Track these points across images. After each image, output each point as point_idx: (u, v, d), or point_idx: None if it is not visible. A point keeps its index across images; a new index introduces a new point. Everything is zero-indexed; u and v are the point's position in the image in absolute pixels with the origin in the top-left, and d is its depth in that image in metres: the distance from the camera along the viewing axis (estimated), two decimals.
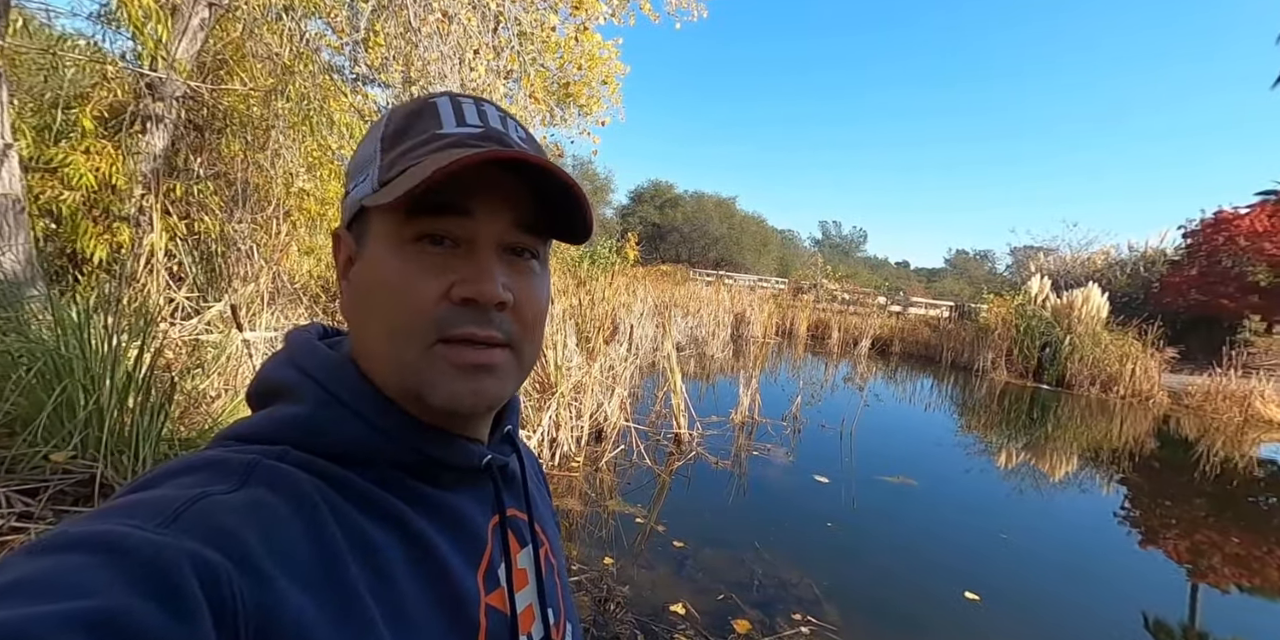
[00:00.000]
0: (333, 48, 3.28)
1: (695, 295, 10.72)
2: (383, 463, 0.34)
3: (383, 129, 0.36)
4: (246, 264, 3.38)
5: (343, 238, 0.37)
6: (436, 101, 0.36)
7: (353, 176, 0.37)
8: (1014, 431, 6.21)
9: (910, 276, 42.84)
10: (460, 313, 0.33)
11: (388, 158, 0.34)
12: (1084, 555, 3.18)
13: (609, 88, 6.97)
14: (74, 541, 0.23)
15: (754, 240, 29.61)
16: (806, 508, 3.36)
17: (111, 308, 2.65)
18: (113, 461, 1.91)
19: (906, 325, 12.91)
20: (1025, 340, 9.83)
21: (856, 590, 2.44)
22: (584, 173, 26.01)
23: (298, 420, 0.33)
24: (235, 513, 0.26)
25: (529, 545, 0.41)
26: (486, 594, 0.36)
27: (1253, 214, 11.62)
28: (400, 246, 0.33)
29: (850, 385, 7.79)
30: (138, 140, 2.97)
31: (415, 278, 0.33)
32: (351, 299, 0.36)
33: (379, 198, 0.33)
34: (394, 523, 0.32)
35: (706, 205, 29.00)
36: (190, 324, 3.13)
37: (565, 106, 6.57)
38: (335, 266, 0.38)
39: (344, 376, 0.34)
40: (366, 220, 0.35)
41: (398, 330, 0.33)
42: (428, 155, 0.33)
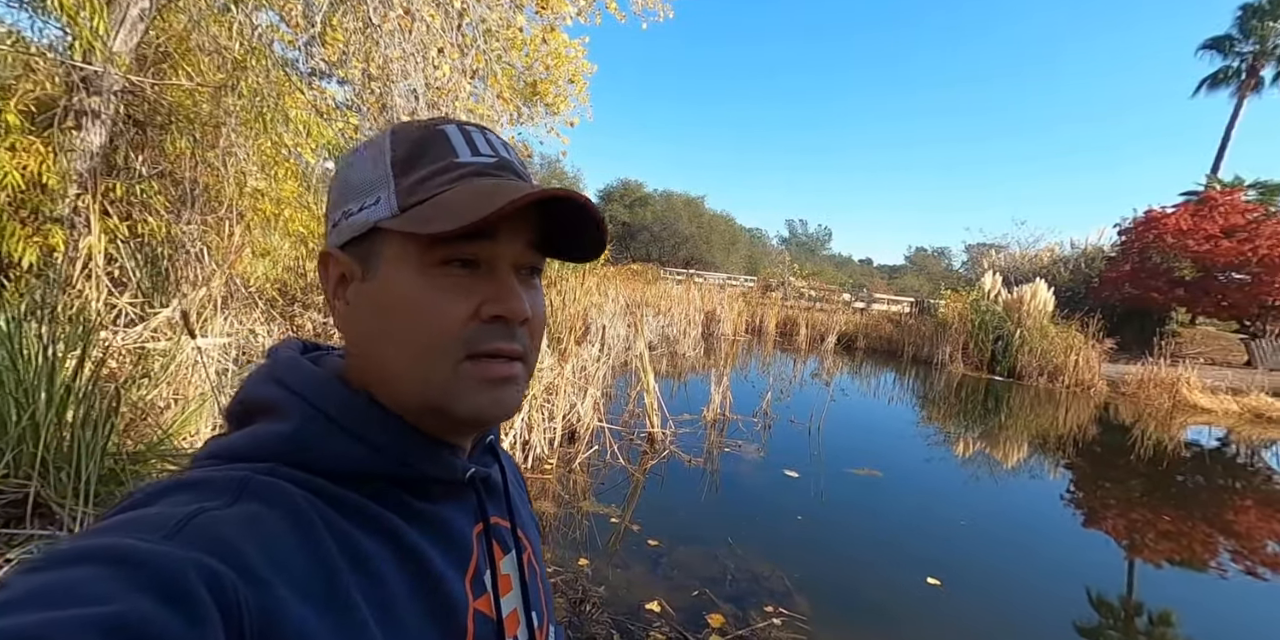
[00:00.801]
0: (286, 41, 3.14)
1: (666, 294, 10.79)
2: (370, 477, 0.34)
3: (390, 153, 0.36)
4: (196, 267, 3.21)
5: (336, 257, 0.37)
6: (445, 129, 0.37)
7: (353, 197, 0.36)
8: (970, 422, 6.52)
9: (873, 273, 44.18)
10: (489, 330, 0.35)
11: (404, 183, 0.35)
12: (1035, 537, 3.38)
13: (576, 87, 6.92)
14: (80, 555, 0.23)
15: (723, 239, 29.96)
16: (777, 502, 3.44)
17: (45, 315, 2.48)
18: (50, 479, 1.79)
19: (870, 321, 13.34)
20: (980, 334, 10.32)
21: (826, 581, 2.52)
22: (552, 172, 25.75)
23: (285, 437, 0.33)
24: (234, 526, 0.27)
25: (512, 551, 0.43)
26: (474, 599, 0.37)
27: (1178, 213, 12.53)
28: (425, 269, 0.35)
29: (818, 381, 8.01)
30: (71, 137, 2.78)
31: (444, 299, 0.34)
32: (360, 319, 0.36)
33: (412, 225, 0.33)
34: (384, 534, 0.33)
35: (676, 204, 29.16)
36: (135, 331, 2.95)
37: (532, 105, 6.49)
38: (324, 286, 0.38)
39: (330, 392, 0.35)
40: (377, 241, 0.35)
41: (427, 349, 0.34)
42: (451, 183, 0.35)
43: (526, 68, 4.80)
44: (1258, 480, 5.02)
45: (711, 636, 2.01)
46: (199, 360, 2.74)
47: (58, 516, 1.69)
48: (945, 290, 12.39)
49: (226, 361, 3.06)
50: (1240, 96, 18.57)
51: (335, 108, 3.69)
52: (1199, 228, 11.72)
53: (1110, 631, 2.42)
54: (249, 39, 2.78)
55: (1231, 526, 3.80)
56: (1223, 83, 18.99)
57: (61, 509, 1.71)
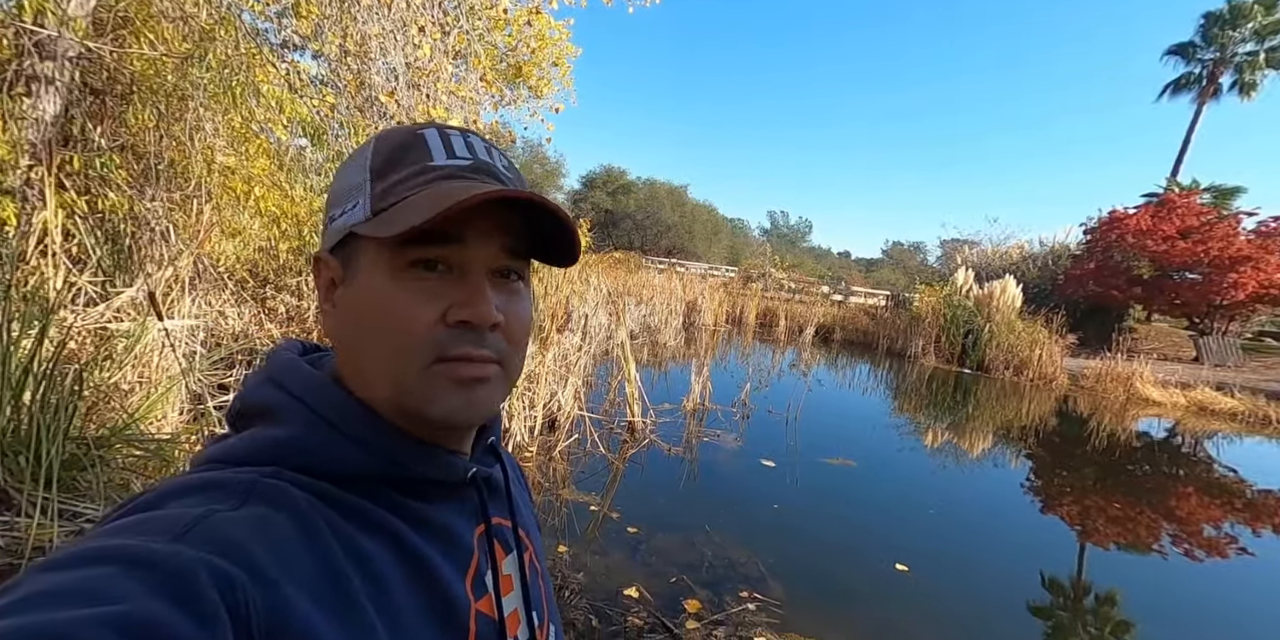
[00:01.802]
0: (256, 11, 2.99)
1: (648, 283, 10.79)
2: (371, 480, 0.35)
3: (370, 159, 0.37)
4: (162, 246, 3.07)
5: (326, 261, 0.37)
6: (424, 133, 0.37)
7: (337, 203, 0.37)
8: (940, 413, 6.75)
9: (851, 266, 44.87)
10: (457, 335, 0.35)
11: (379, 187, 0.35)
12: (998, 523, 3.54)
13: (560, 70, 6.77)
14: (93, 556, 0.24)
15: (705, 229, 29.99)
16: (754, 490, 3.52)
17: None
18: (8, 464, 1.72)
19: (847, 314, 13.59)
20: (951, 328, 10.62)
21: (799, 567, 2.61)
22: (535, 156, 25.28)
23: (285, 441, 0.33)
24: (243, 528, 0.28)
25: (513, 551, 0.43)
26: (475, 601, 0.37)
27: (1138, 214, 13.02)
28: (394, 273, 0.35)
29: (796, 371, 8.15)
30: (22, 103, 2.61)
31: (411, 303, 0.34)
32: (341, 322, 0.37)
33: (377, 229, 0.34)
34: (387, 536, 0.34)
35: (659, 192, 29.00)
36: (96, 311, 2.82)
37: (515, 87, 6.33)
38: (317, 290, 0.38)
39: (329, 396, 0.35)
40: (355, 246, 0.36)
41: (397, 352, 0.34)
42: (422, 186, 0.35)
43: (510, 49, 4.68)
44: (1199, 469, 5.34)
45: (688, 621, 2.07)
46: (166, 342, 2.64)
47: (15, 502, 1.63)
48: (920, 284, 12.69)
49: (194, 344, 2.96)
50: (1200, 102, 19.21)
51: (309, 83, 3.54)
52: (1157, 228, 12.21)
53: (1060, 612, 2.57)
54: (217, 7, 2.63)
55: (1174, 512, 4.05)
56: (1185, 88, 19.61)
57: (20, 494, 1.64)
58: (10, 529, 1.56)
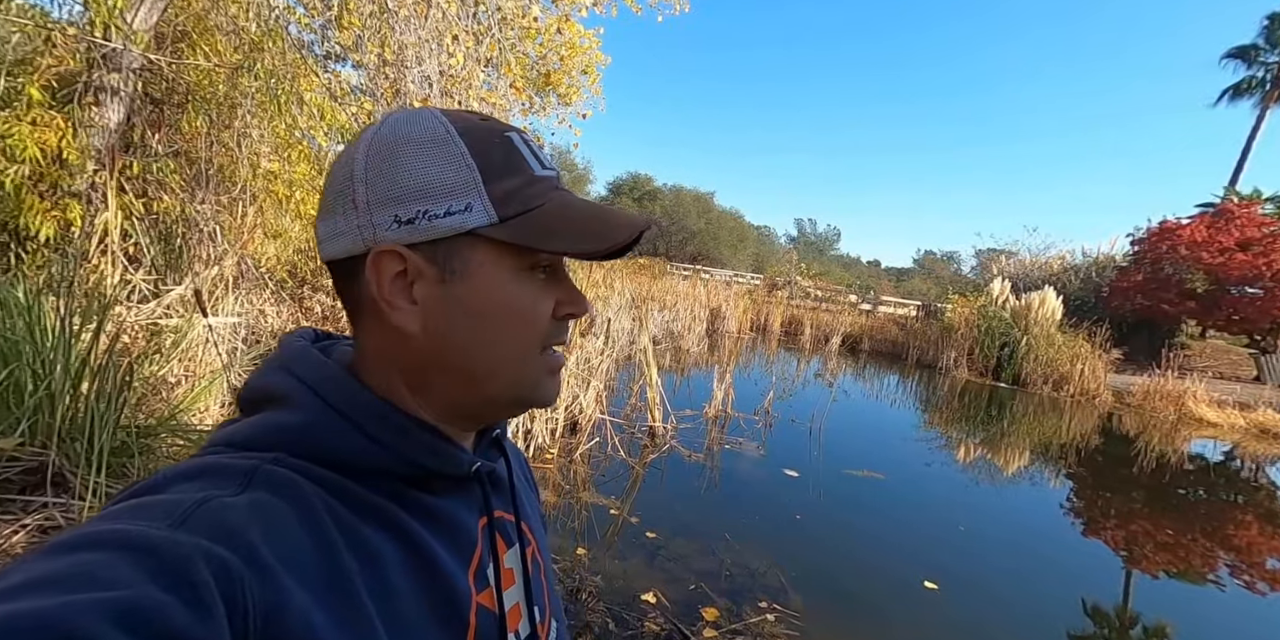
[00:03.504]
0: (302, 23, 3.14)
1: (672, 289, 10.78)
2: (375, 470, 0.35)
3: (470, 156, 0.35)
4: (209, 246, 3.24)
5: (404, 256, 0.35)
6: (511, 137, 0.38)
7: (428, 198, 0.35)
8: (973, 427, 6.50)
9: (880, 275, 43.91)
10: (561, 327, 0.40)
11: (495, 191, 0.36)
12: (1034, 544, 3.38)
13: (589, 78, 6.88)
14: (92, 540, 0.24)
15: (731, 235, 29.86)
16: (776, 500, 3.45)
17: (63, 289, 2.51)
18: (65, 449, 1.83)
19: (876, 323, 13.27)
20: (986, 340, 10.25)
21: (821, 579, 2.54)
22: (563, 163, 25.67)
23: (293, 428, 0.33)
24: (241, 514, 0.27)
25: (515, 545, 0.43)
26: (477, 594, 0.37)
27: (1193, 225, 12.35)
28: (516, 274, 0.37)
29: (821, 381, 7.99)
30: (90, 112, 2.80)
31: (538, 300, 0.38)
32: (443, 319, 0.36)
33: (525, 237, 0.35)
34: (389, 526, 0.34)
35: (685, 199, 29.06)
36: (148, 307, 2.98)
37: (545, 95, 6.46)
38: (373, 283, 0.35)
39: (339, 385, 0.35)
40: (460, 244, 0.35)
41: (522, 346, 0.38)
42: (540, 197, 0.37)
43: (540, 58, 4.78)
44: (1260, 496, 4.99)
45: (706, 630, 2.03)
46: (210, 338, 2.77)
47: (71, 485, 1.73)
48: (953, 295, 12.31)
49: (236, 340, 3.09)
50: (1263, 107, 18.21)
51: (349, 92, 3.70)
52: (1214, 240, 11.56)
53: None
54: (266, 20, 2.78)
55: (1231, 541, 3.78)
56: (1246, 93, 18.63)
57: (75, 478, 1.74)
58: (66, 510, 1.66)
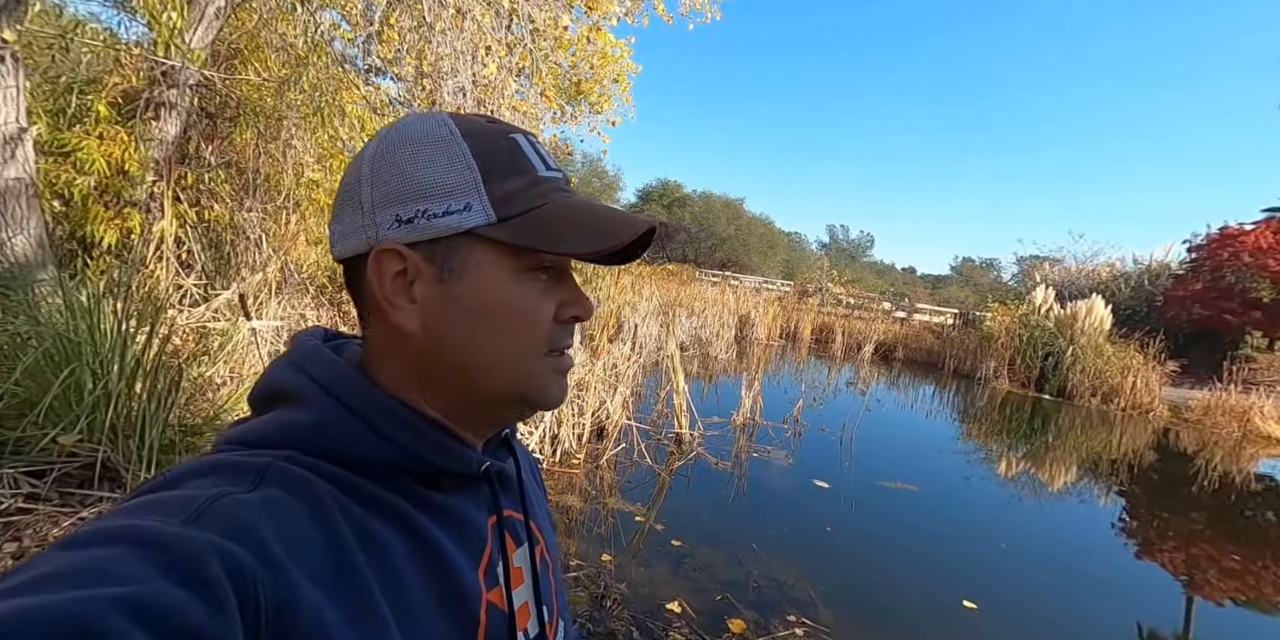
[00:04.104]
0: (346, 39, 3.28)
1: (700, 295, 10.72)
2: (386, 468, 0.35)
3: (471, 156, 0.36)
4: (255, 253, 3.39)
5: (403, 254, 0.35)
6: (516, 139, 0.38)
7: (428, 197, 0.35)
8: (1014, 440, 6.21)
9: (916, 282, 42.72)
10: (565, 329, 0.39)
11: (495, 191, 0.36)
12: (1083, 565, 3.18)
13: (620, 86, 6.96)
14: (106, 536, 0.24)
15: (761, 242, 29.60)
16: (805, 511, 3.36)
17: (121, 293, 2.66)
18: (119, 446, 1.92)
19: (910, 331, 12.88)
20: (1028, 350, 9.80)
21: (853, 594, 2.44)
22: (593, 170, 26.00)
23: (305, 426, 0.34)
24: (254, 511, 0.27)
25: (525, 544, 0.43)
26: (487, 591, 0.37)
27: (1258, 231, 11.56)
28: (516, 275, 0.37)
29: (852, 390, 7.79)
30: (150, 126, 2.98)
31: (537, 302, 0.38)
32: (442, 318, 0.36)
33: (524, 237, 0.35)
34: (400, 523, 0.34)
35: (714, 206, 28.98)
36: (198, 311, 3.14)
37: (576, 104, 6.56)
38: (375, 282, 0.36)
39: (350, 383, 0.35)
40: (459, 244, 0.35)
41: (523, 346, 0.38)
42: (542, 198, 0.37)
43: (572, 67, 4.86)
44: None
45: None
46: (253, 341, 2.89)
47: (124, 480, 1.81)
48: (992, 303, 11.82)
49: (278, 343, 3.22)
50: None
51: (388, 103, 3.83)
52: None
53: None
54: (312, 36, 2.91)
55: None
56: None
57: (127, 473, 1.83)
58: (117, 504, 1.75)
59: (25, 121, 2.55)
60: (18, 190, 2.55)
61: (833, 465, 4.19)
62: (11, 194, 2.54)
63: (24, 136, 2.55)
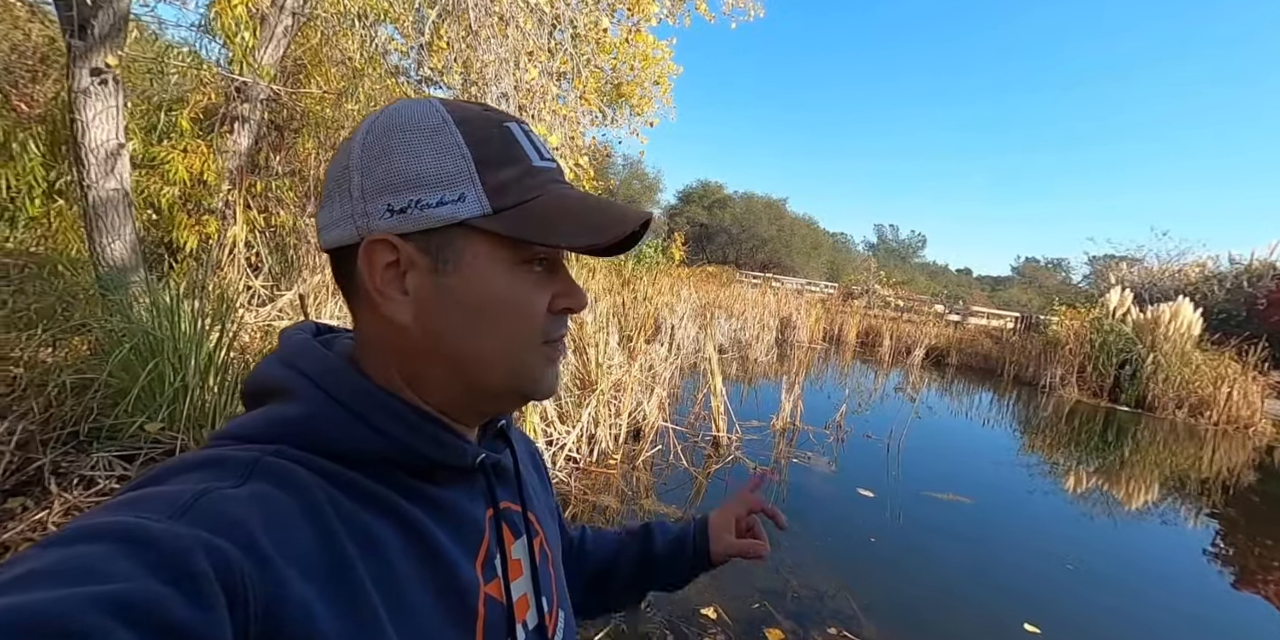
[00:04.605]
0: (400, 51, 3.45)
1: (740, 297, 10.55)
2: (378, 461, 0.34)
3: (465, 146, 0.35)
4: (315, 256, 3.61)
5: (396, 245, 0.34)
6: (510, 128, 0.37)
7: (421, 187, 0.34)
8: (1085, 454, 5.74)
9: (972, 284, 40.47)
10: (559, 320, 0.40)
11: (489, 181, 0.35)
12: (1165, 593, 2.90)
13: (661, 88, 6.97)
14: (91, 533, 0.24)
15: (804, 243, 28.88)
16: (848, 520, 3.23)
17: (198, 293, 2.90)
18: (194, 435, 2.09)
19: (965, 335, 12.19)
20: (1101, 356, 9.05)
21: (899, 608, 2.32)
22: (633, 172, 26.16)
23: (295, 420, 0.33)
24: (241, 506, 0.27)
25: (523, 536, 0.43)
26: (485, 584, 0.37)
27: None
28: (512, 267, 0.36)
29: (901, 395, 7.44)
30: (226, 139, 3.24)
31: (531, 294, 0.37)
32: (436, 310, 0.35)
33: (519, 229, 0.35)
34: (393, 516, 0.33)
35: (756, 206, 28.52)
36: (265, 311, 3.38)
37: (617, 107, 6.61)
38: (366, 274, 0.35)
39: (342, 377, 0.35)
40: (454, 235, 0.35)
41: (518, 338, 0.37)
42: (538, 190, 0.36)
43: (613, 70, 4.91)
44: None
45: None
46: None
47: None
48: (1059, 306, 11.01)
49: None
50: None
51: None
52: None
53: None
54: (368, 49, 3.08)
55: None
56: None
57: None
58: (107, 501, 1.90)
59: (123, 138, 2.83)
60: (116, 200, 2.83)
61: (878, 474, 4.02)
62: (110, 204, 2.81)
63: (122, 152, 2.83)
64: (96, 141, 2.70)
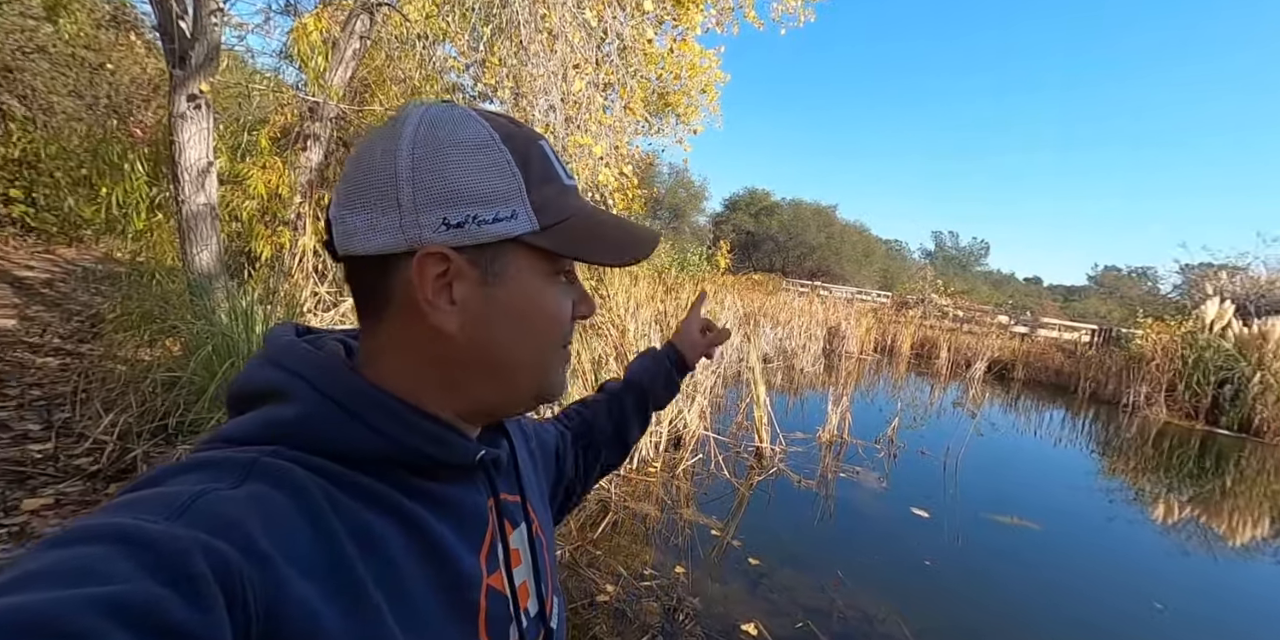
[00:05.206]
0: (457, 69, 3.64)
1: (786, 305, 10.31)
2: (378, 460, 0.34)
3: (515, 165, 0.36)
4: None
5: (449, 257, 0.35)
6: (542, 146, 0.39)
7: (476, 203, 0.35)
8: (1177, 481, 5.19)
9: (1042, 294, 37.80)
10: (573, 326, 0.43)
11: (535, 198, 0.37)
12: None
13: (708, 96, 6.98)
14: (89, 535, 0.24)
15: (855, 250, 27.94)
16: (900, 540, 3.06)
17: (270, 299, 3.14)
18: None
19: (1034, 348, 11.36)
20: (1196, 374, 8.19)
21: (957, 637, 2.17)
22: (679, 181, 26.24)
23: (292, 421, 0.33)
24: (239, 507, 0.27)
25: (522, 524, 0.44)
26: (488, 576, 0.38)
27: None
28: (548, 278, 0.39)
29: (960, 410, 7.00)
30: (299, 156, 3.51)
31: (563, 302, 0.41)
32: (484, 321, 0.36)
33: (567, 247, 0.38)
34: (393, 514, 0.34)
35: (804, 213, 27.90)
36: (329, 316, 3.61)
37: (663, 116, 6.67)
38: (416, 285, 0.35)
39: (337, 377, 0.35)
40: (501, 249, 0.36)
41: (551, 344, 0.41)
42: (571, 208, 0.39)
43: (659, 79, 4.96)
44: None
45: None
46: None
47: None
48: (1145, 318, 10.07)
49: None
50: None
51: None
52: None
53: None
54: (427, 68, 3.27)
55: None
56: None
57: None
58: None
59: (212, 157, 3.12)
60: (205, 214, 3.12)
61: (934, 492, 3.78)
62: (200, 217, 3.11)
63: (211, 169, 3.12)
64: (190, 160, 2.99)
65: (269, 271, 3.64)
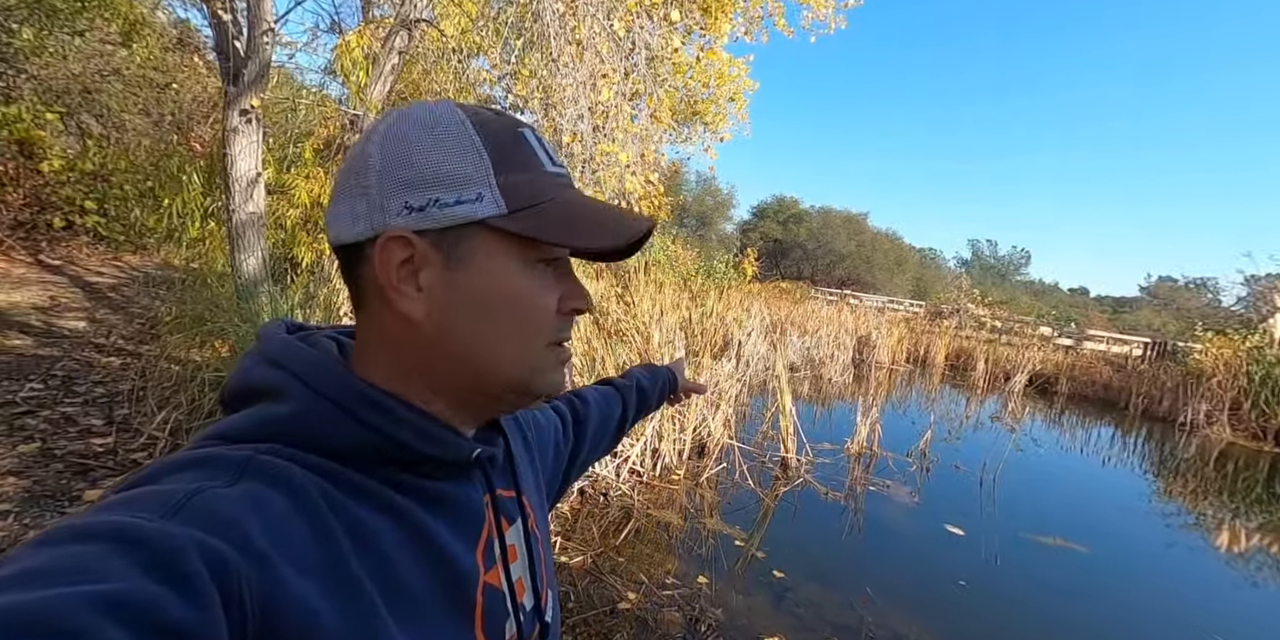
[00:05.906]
0: (490, 81, 3.76)
1: (814, 314, 10.13)
2: (373, 457, 0.34)
3: (484, 150, 0.36)
4: None
5: (411, 241, 0.34)
6: (524, 133, 0.38)
7: (439, 186, 0.35)
8: (1245, 506, 4.82)
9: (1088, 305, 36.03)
10: (566, 322, 0.40)
11: (504, 182, 0.36)
12: None
13: (736, 105, 6.98)
14: (83, 533, 0.23)
15: (886, 258, 27.26)
16: (933, 558, 2.94)
17: (310, 303, 3.27)
18: None
19: (1080, 361, 10.80)
20: (1263, 392, 7.63)
21: None
22: (706, 189, 26.23)
23: (286, 418, 0.33)
24: (235, 504, 0.27)
25: (518, 520, 0.44)
26: (485, 573, 0.38)
27: None
28: (524, 266, 0.37)
29: (999, 424, 6.71)
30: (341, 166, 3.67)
31: (542, 293, 0.38)
32: (448, 307, 0.36)
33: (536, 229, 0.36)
34: (389, 512, 0.34)
35: (833, 221, 27.44)
36: None
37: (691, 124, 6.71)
38: (380, 270, 0.35)
39: (331, 375, 0.34)
40: (467, 234, 0.35)
41: (528, 336, 0.38)
42: (551, 194, 0.37)
43: (686, 88, 5.00)
44: None
45: None
46: None
47: None
48: (1204, 332, 9.47)
49: None
50: None
51: None
52: None
53: None
54: (461, 80, 3.38)
55: None
56: None
57: None
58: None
59: (260, 168, 3.30)
60: (253, 222, 3.29)
61: (970, 509, 3.62)
62: (248, 225, 3.28)
63: (259, 180, 3.29)
64: (240, 172, 3.17)
65: (310, 277, 3.80)
